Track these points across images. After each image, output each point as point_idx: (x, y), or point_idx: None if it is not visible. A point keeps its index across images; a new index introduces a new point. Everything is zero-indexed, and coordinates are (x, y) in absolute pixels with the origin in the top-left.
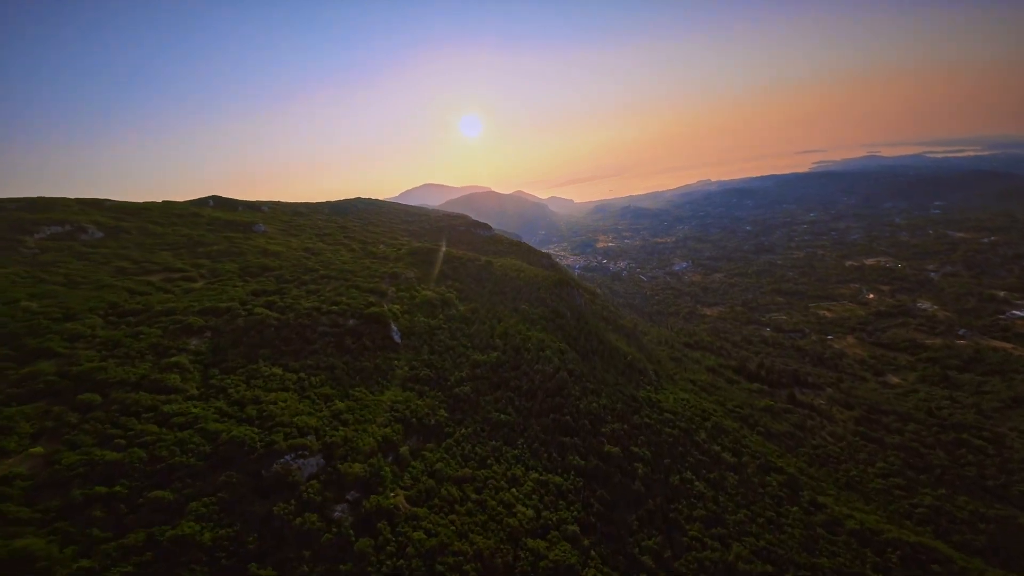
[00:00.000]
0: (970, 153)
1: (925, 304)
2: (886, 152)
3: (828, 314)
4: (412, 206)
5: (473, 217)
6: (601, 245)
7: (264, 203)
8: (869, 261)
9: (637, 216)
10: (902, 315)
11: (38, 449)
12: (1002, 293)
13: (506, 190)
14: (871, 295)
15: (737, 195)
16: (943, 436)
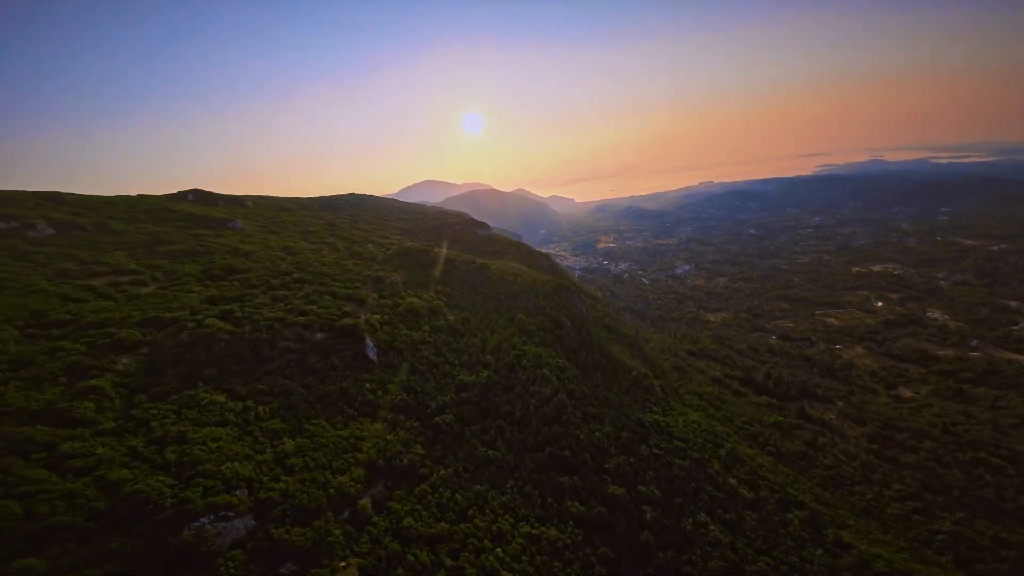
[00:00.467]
0: (975, 159)
1: (935, 313)
2: (890, 156)
3: (836, 322)
4: (409, 203)
5: (474, 215)
6: (602, 246)
7: (248, 197)
8: (876, 268)
9: (639, 217)
10: (912, 324)
11: None
12: (1014, 303)
13: (507, 188)
14: (879, 303)
15: (740, 197)
16: (959, 455)
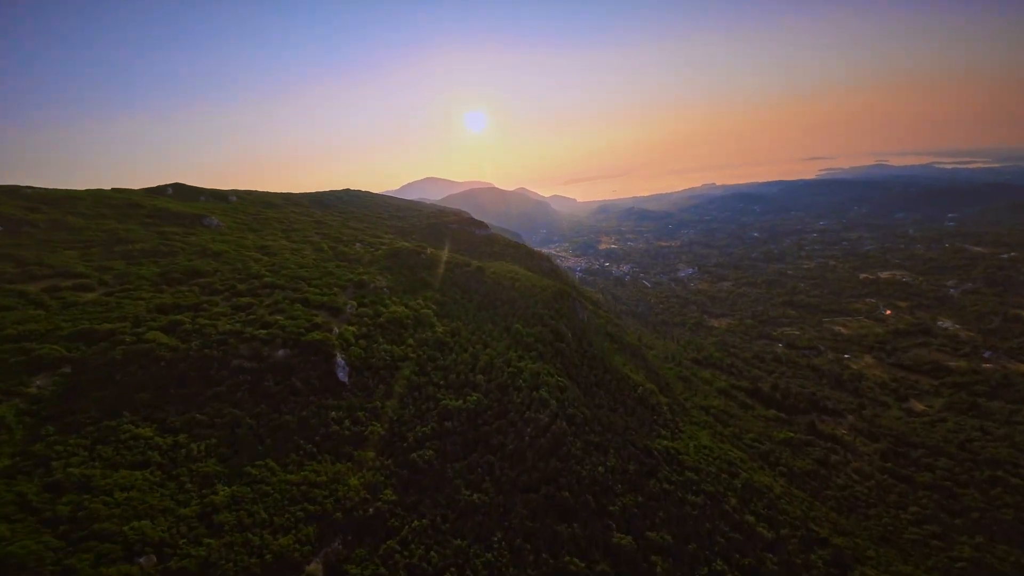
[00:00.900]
0: (981, 165)
1: (946, 323)
2: (893, 161)
3: (844, 330)
4: (407, 200)
5: (475, 213)
6: (604, 247)
7: (235, 192)
8: (884, 274)
9: (641, 218)
10: (922, 334)
11: None
12: None
13: (509, 186)
14: (888, 311)
15: (744, 200)
16: (977, 473)
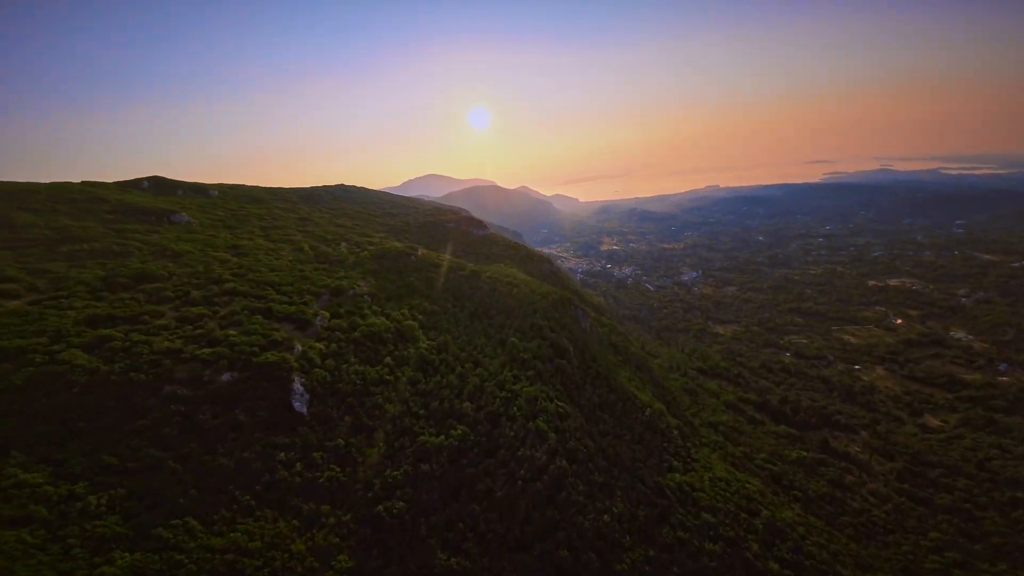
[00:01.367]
0: (987, 171)
1: (959, 333)
2: (898, 166)
3: (853, 340)
4: (404, 197)
5: (475, 211)
6: (605, 248)
7: (214, 186)
8: (893, 281)
9: (643, 219)
10: (935, 345)
11: None
12: None
13: (511, 185)
14: (899, 320)
15: (748, 203)
16: (997, 495)
